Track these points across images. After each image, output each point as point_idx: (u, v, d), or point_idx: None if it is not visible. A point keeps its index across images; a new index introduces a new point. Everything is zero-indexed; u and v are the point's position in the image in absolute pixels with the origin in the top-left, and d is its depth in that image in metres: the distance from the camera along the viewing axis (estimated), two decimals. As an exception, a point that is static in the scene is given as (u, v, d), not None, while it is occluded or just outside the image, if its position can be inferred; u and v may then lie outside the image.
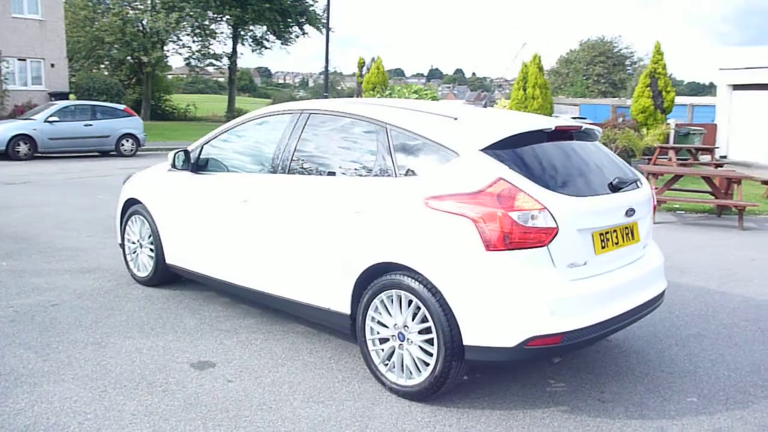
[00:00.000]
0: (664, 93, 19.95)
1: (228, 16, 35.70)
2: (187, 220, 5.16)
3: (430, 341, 3.58)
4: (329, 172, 4.22)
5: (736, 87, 22.18)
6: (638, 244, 4.01)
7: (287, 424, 3.41)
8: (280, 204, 4.38)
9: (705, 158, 18.96)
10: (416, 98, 16.40)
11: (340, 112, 4.36)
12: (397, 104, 4.44)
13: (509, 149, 3.62)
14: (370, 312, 3.85)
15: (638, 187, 4.09)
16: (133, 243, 5.83)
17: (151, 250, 5.61)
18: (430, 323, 3.54)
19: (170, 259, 5.42)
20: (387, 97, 16.32)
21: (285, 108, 4.83)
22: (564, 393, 3.88)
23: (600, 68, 63.74)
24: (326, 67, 17.68)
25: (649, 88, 19.97)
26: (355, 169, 4.08)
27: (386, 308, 3.78)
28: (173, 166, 5.18)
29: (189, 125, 33.01)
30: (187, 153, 5.16)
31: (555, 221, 3.37)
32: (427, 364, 3.61)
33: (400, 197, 3.70)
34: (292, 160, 4.44)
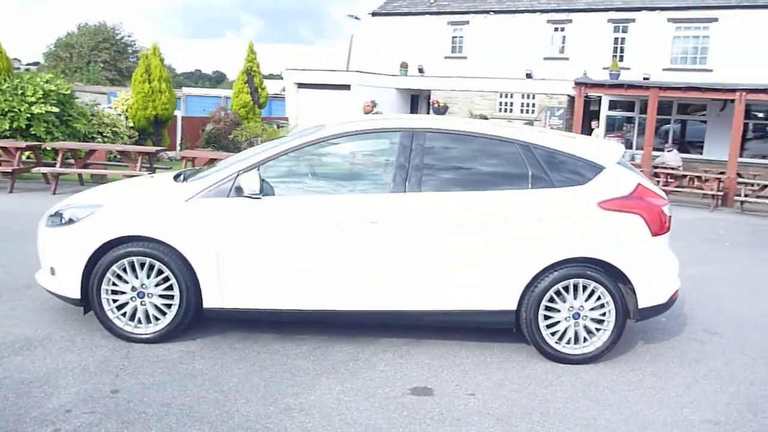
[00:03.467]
0: (259, 89, 22.00)
1: None
2: (262, 253, 4.45)
3: (602, 314, 4.61)
4: (473, 187, 4.59)
5: (301, 85, 25.87)
6: None
7: (574, 404, 4.00)
8: (431, 221, 4.47)
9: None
10: (60, 91, 13.67)
11: (467, 132, 4.75)
12: (495, 124, 5.02)
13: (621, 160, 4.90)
14: (543, 302, 4.57)
15: None
16: (124, 293, 4.48)
17: (164, 297, 4.50)
18: (607, 298, 4.57)
19: (214, 301, 4.50)
20: (17, 87, 13.22)
21: (386, 125, 4.85)
22: (653, 341, 5.37)
23: (106, 55, 61.62)
24: None
25: (247, 85, 21.73)
26: (508, 184, 4.61)
27: (561, 296, 4.58)
28: (254, 192, 4.34)
29: None
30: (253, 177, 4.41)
31: (670, 211, 4.86)
32: (598, 330, 4.64)
33: (578, 203, 4.55)
34: (422, 178, 4.56)
